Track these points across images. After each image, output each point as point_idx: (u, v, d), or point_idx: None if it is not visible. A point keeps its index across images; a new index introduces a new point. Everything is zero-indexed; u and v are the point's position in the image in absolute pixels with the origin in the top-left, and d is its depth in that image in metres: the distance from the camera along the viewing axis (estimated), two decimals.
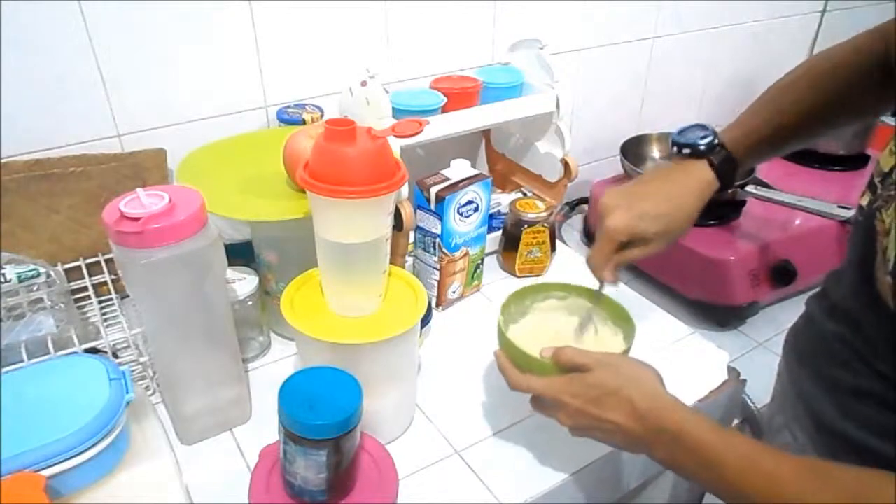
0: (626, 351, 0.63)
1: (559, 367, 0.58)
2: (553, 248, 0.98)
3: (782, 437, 0.68)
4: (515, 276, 0.96)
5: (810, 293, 0.68)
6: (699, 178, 0.66)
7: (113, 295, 0.79)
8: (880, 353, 0.53)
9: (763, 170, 1.25)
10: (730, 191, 0.68)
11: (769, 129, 0.67)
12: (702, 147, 0.66)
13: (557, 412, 0.58)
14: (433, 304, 0.88)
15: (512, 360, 0.62)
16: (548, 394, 0.58)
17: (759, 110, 0.68)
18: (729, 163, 0.66)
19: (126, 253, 0.54)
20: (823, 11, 1.56)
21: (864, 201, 0.56)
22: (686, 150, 0.67)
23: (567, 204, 1.37)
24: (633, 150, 1.30)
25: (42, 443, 0.51)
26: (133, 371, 0.69)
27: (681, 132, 0.68)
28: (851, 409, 0.57)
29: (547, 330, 0.69)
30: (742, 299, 1.08)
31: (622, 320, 0.67)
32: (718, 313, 1.09)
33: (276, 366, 0.78)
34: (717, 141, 0.66)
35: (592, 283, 0.68)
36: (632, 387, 0.54)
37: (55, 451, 0.51)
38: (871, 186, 0.56)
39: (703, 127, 0.68)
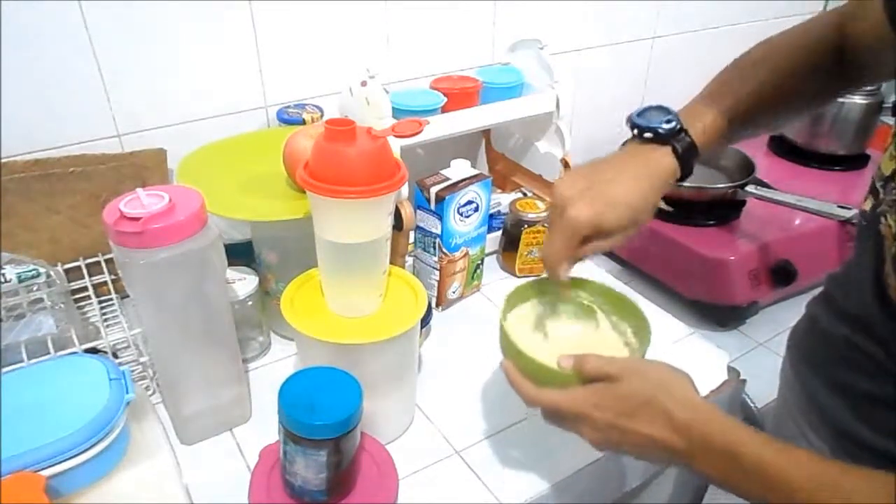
0: (644, 352, 0.59)
1: (583, 377, 0.53)
2: None
3: (798, 445, 0.66)
4: (515, 275, 0.96)
5: (811, 295, 0.68)
6: (662, 166, 0.60)
7: (113, 295, 0.79)
8: (895, 357, 0.52)
9: (763, 170, 1.25)
10: (685, 182, 0.63)
11: (728, 118, 0.62)
12: (664, 132, 0.60)
13: (581, 426, 0.52)
14: (433, 304, 0.88)
15: (524, 372, 0.56)
16: (571, 408, 0.52)
17: (716, 96, 0.64)
18: (691, 151, 0.61)
19: (126, 253, 0.54)
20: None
21: (867, 206, 0.56)
22: (648, 135, 0.61)
23: None
24: None
25: (42, 443, 0.51)
26: (133, 371, 0.69)
27: (641, 114, 0.62)
28: (869, 414, 0.56)
29: (549, 332, 0.65)
30: (742, 299, 1.08)
31: (631, 316, 0.63)
32: (718, 313, 1.09)
33: (276, 366, 0.78)
34: (679, 126, 0.60)
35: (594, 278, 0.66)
36: (666, 396, 0.49)
37: (55, 451, 0.51)
38: (873, 191, 0.55)
39: (664, 110, 0.62)
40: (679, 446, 0.48)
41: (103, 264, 0.81)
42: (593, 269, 1.00)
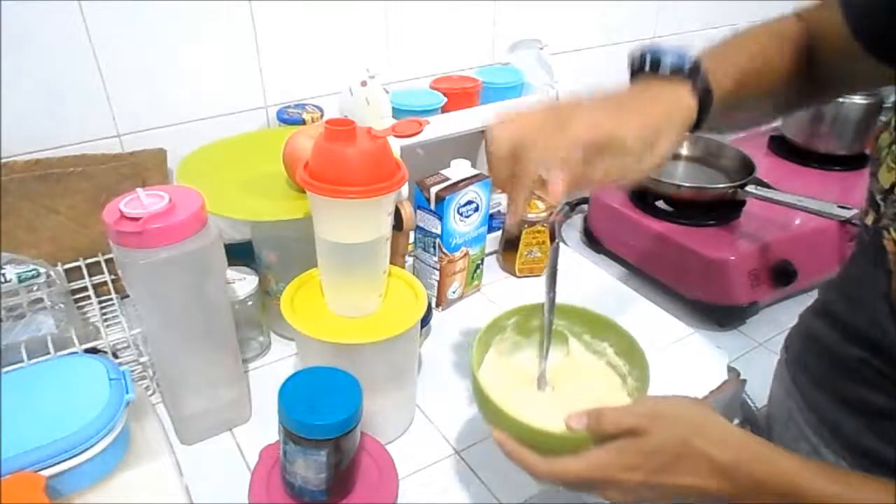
0: (648, 380, 0.53)
1: (601, 437, 0.46)
2: None
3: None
4: (515, 276, 0.96)
5: (811, 295, 0.67)
6: (681, 105, 0.50)
7: (113, 295, 0.79)
8: None
9: (763, 170, 1.25)
10: (700, 130, 0.53)
11: (730, 81, 0.54)
12: (683, 66, 0.50)
13: (607, 491, 0.46)
14: (433, 304, 0.88)
15: (523, 440, 0.48)
16: (593, 476, 0.46)
17: (716, 56, 0.55)
18: (709, 95, 0.51)
19: (126, 253, 0.54)
20: None
21: (869, 220, 0.53)
22: (665, 69, 0.51)
23: (567, 204, 1.37)
24: None
25: (42, 443, 0.51)
26: (133, 371, 0.69)
27: (654, 49, 0.52)
28: (884, 430, 0.54)
29: (526, 374, 0.58)
30: (742, 299, 1.07)
31: (607, 331, 0.57)
32: (718, 313, 1.09)
33: (276, 366, 0.78)
34: (698, 64, 0.51)
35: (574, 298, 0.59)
36: (701, 439, 0.44)
37: (55, 451, 0.51)
38: (873, 204, 0.53)
39: (676, 48, 0.52)
40: (725, 489, 0.44)
41: (103, 264, 0.81)
42: (593, 271, 1.00)
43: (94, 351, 0.68)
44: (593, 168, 0.46)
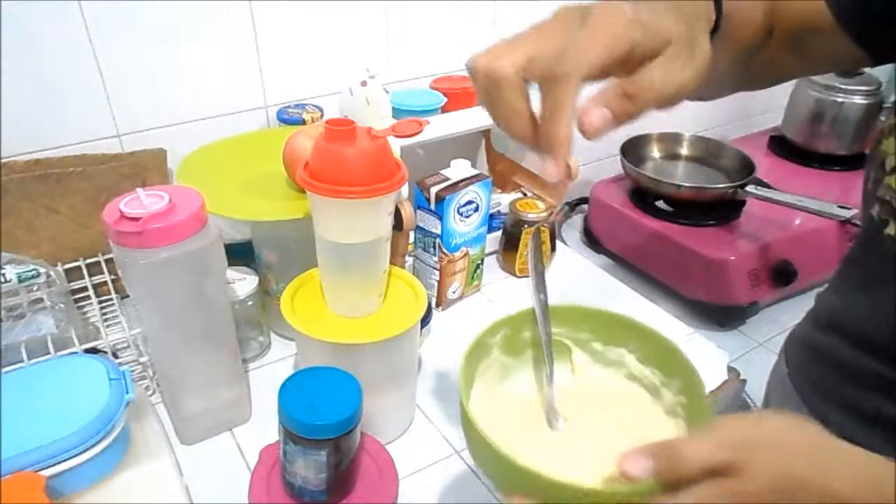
0: (701, 402, 0.42)
1: (677, 485, 0.34)
2: (553, 249, 0.98)
3: None
4: (515, 275, 0.96)
5: (810, 295, 0.67)
6: (704, 5, 0.42)
7: (113, 295, 0.79)
8: None
9: (763, 170, 1.25)
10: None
11: (727, 10, 0.45)
12: None
13: None
14: (433, 305, 0.88)
15: (555, 499, 0.35)
16: None
17: None
18: (720, 5, 0.43)
19: (126, 253, 0.54)
20: None
21: (892, 230, 0.50)
22: None
23: (567, 204, 1.37)
24: (633, 150, 1.30)
25: (42, 443, 0.51)
26: (133, 371, 0.69)
27: None
28: None
29: (521, 408, 0.46)
30: (742, 299, 1.08)
31: (627, 334, 0.45)
32: (718, 313, 1.10)
33: (276, 366, 0.78)
34: None
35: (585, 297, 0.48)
36: (817, 468, 0.35)
37: (55, 451, 0.51)
38: (893, 213, 0.50)
39: None
40: None
41: (103, 264, 0.81)
42: (593, 271, 1.00)
43: (94, 351, 0.68)
44: (638, 81, 0.37)
